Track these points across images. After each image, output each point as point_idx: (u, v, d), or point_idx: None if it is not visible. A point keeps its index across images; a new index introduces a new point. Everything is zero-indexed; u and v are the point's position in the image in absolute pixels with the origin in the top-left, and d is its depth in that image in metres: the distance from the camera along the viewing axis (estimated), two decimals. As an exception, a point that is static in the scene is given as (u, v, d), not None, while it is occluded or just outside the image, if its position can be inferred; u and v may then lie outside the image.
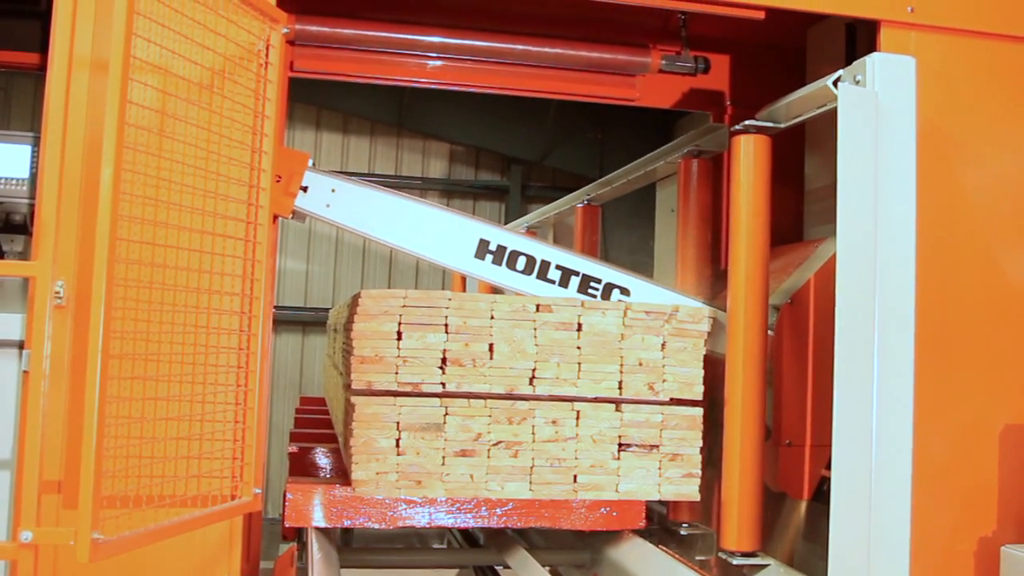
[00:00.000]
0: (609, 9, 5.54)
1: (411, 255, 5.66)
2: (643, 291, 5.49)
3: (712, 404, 5.38)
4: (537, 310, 5.10)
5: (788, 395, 5.61)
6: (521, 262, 5.56)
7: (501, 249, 5.52)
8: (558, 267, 5.47)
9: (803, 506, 5.61)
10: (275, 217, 5.04)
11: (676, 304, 5.36)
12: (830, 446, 4.52)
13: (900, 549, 4.55)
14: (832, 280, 4.59)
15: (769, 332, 5.35)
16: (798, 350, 5.60)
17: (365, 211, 5.44)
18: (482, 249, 5.52)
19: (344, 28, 6.44)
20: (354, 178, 5.60)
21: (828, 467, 4.66)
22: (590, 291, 5.48)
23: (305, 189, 5.28)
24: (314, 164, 5.35)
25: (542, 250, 5.57)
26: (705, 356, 5.32)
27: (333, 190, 5.39)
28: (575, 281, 5.49)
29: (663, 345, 5.22)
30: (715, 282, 6.18)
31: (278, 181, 5.01)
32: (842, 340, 4.53)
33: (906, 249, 4.67)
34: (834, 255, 4.64)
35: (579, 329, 5.13)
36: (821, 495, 5.38)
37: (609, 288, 5.48)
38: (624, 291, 5.44)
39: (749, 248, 5.23)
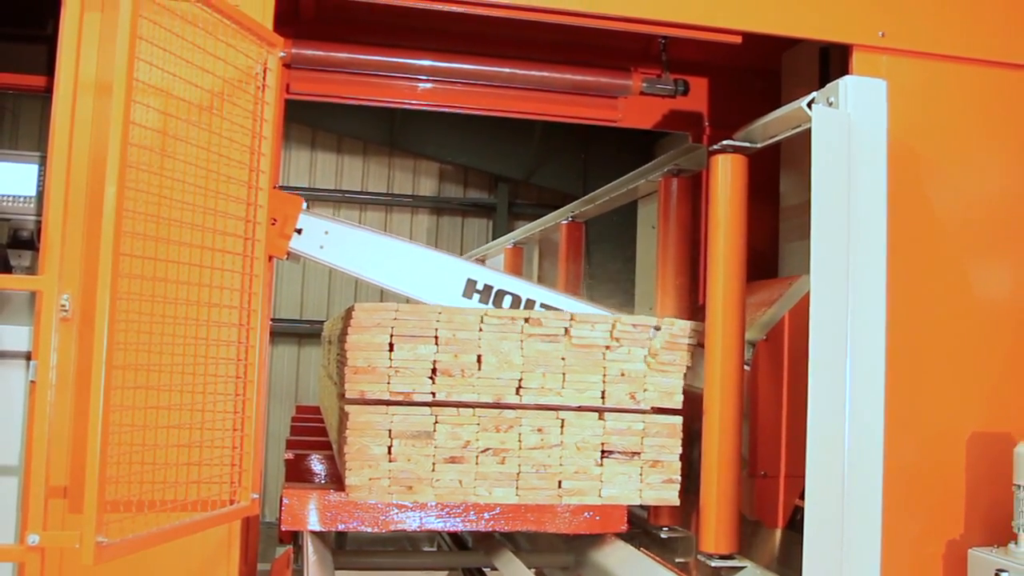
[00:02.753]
0: (592, 34, 5.57)
1: (401, 294, 5.65)
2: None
3: (691, 415, 5.40)
4: (527, 322, 5.12)
5: (763, 428, 5.63)
6: (507, 301, 5.57)
7: (488, 288, 5.53)
8: (543, 305, 5.46)
9: (777, 534, 5.62)
10: (270, 258, 5.03)
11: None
12: (803, 477, 4.56)
13: (871, 571, 4.59)
14: (805, 318, 4.62)
15: (745, 367, 5.39)
16: (773, 385, 5.62)
17: (357, 252, 5.45)
18: (470, 288, 5.53)
19: (338, 52, 6.46)
20: (346, 220, 5.62)
21: (802, 497, 4.67)
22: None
23: (299, 231, 5.28)
24: (308, 207, 5.35)
25: (527, 289, 5.57)
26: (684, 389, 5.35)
27: (326, 232, 5.39)
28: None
29: (648, 356, 5.23)
30: (693, 318, 6.21)
31: (273, 224, 5.01)
32: (816, 352, 4.56)
33: (878, 265, 4.69)
34: (807, 294, 4.67)
35: (565, 341, 5.15)
36: (795, 524, 5.40)
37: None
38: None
39: (727, 269, 5.27)
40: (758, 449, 5.63)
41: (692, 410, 5.35)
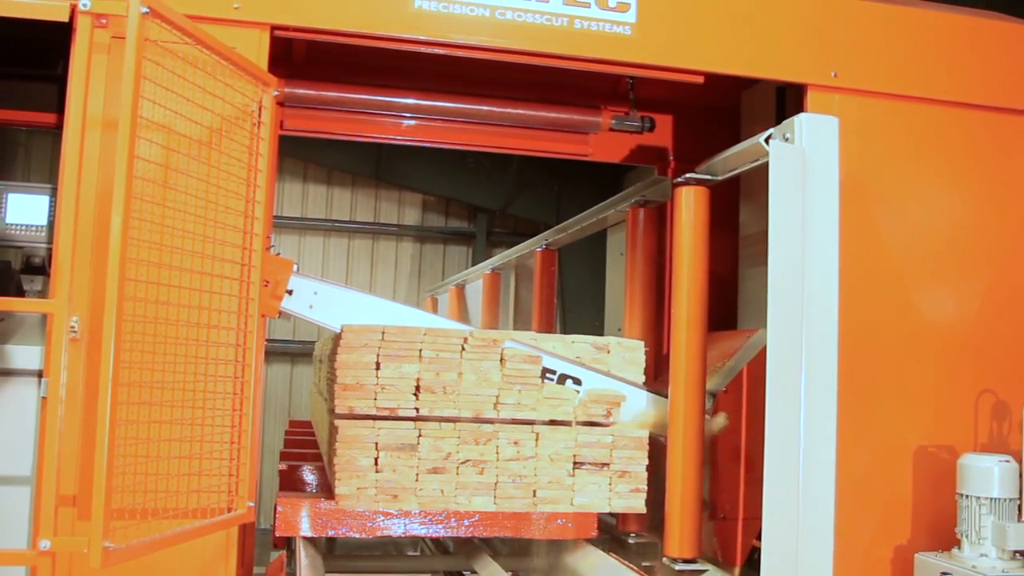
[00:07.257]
0: (564, 74, 5.59)
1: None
2: (594, 381, 5.45)
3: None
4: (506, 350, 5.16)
5: (723, 474, 5.64)
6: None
7: (467, 343, 5.52)
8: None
9: (736, 572, 5.62)
10: (262, 316, 5.02)
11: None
12: (760, 518, 4.59)
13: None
14: (763, 370, 4.65)
15: (707, 416, 5.42)
16: (732, 433, 5.62)
17: (344, 311, 5.41)
18: None
19: (328, 91, 6.47)
20: (334, 280, 5.63)
21: (758, 538, 4.69)
22: (546, 379, 5.39)
23: (290, 292, 5.27)
24: (298, 269, 5.33)
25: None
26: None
27: (315, 292, 5.37)
28: (535, 370, 5.48)
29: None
30: (657, 366, 6.21)
31: (266, 285, 5.01)
32: (773, 367, 4.59)
33: (830, 287, 4.72)
34: (764, 348, 4.71)
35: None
36: (753, 563, 5.41)
37: (563, 378, 5.41)
38: (576, 381, 5.40)
39: (689, 322, 5.32)
40: (718, 494, 5.63)
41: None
